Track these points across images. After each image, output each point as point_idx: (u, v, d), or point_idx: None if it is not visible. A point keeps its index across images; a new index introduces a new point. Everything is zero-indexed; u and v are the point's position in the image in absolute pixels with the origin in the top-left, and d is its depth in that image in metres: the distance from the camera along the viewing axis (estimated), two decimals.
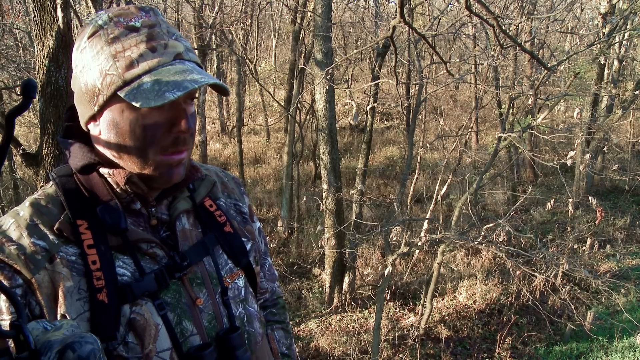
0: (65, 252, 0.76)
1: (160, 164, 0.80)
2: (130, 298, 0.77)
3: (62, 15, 2.85)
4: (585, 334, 5.87)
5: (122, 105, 0.77)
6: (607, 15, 7.47)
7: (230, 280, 0.91)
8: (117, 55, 0.75)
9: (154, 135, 0.78)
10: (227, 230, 0.95)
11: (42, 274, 0.73)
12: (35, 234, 0.76)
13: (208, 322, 0.85)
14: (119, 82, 0.75)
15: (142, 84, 0.74)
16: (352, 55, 10.42)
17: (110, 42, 0.76)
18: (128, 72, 0.75)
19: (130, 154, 0.79)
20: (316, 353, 6.02)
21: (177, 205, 0.88)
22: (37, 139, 4.19)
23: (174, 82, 0.73)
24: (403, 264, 8.05)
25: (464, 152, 8.57)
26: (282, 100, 11.05)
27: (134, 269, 0.79)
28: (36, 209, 0.79)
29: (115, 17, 0.77)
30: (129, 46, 0.75)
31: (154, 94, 0.73)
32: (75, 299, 0.74)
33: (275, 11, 14.51)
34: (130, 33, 0.76)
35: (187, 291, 0.84)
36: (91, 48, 0.77)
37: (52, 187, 0.83)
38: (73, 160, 0.83)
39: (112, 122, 0.78)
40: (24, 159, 3.31)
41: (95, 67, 0.76)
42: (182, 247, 0.85)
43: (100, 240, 0.78)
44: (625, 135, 12.40)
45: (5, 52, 7.04)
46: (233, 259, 0.93)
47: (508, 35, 3.69)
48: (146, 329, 0.77)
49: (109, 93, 0.76)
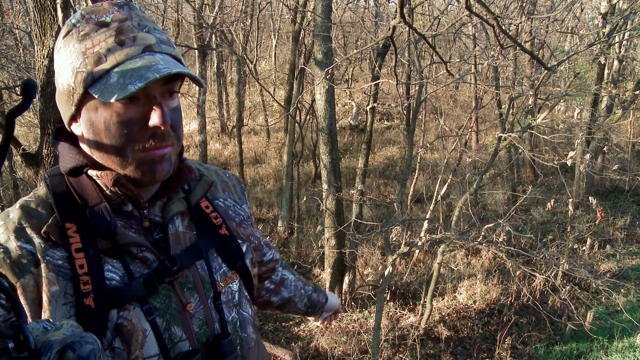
0: (52, 256, 0.75)
1: (141, 161, 0.77)
2: (118, 303, 0.75)
3: (62, 15, 2.85)
4: (585, 334, 5.87)
5: (95, 103, 0.75)
6: (607, 15, 7.47)
7: (224, 284, 0.89)
8: (86, 52, 0.74)
9: (130, 131, 0.75)
10: (223, 233, 0.93)
11: (27, 278, 0.73)
12: (22, 237, 0.75)
13: (199, 328, 0.83)
14: (89, 78, 0.73)
15: (109, 78, 0.72)
16: (352, 55, 10.42)
17: (81, 40, 0.74)
18: (96, 67, 0.73)
19: (109, 154, 0.77)
20: (316, 353, 6.02)
21: (171, 207, 0.87)
22: (37, 139, 4.19)
23: (137, 74, 0.71)
24: (403, 264, 8.05)
25: (464, 152, 8.57)
26: (282, 100, 11.04)
27: (123, 273, 0.78)
28: (25, 211, 0.77)
29: (87, 14, 0.76)
30: (98, 42, 0.74)
31: (118, 87, 0.70)
32: (61, 304, 0.73)
33: (275, 11, 14.50)
34: (100, 29, 0.74)
35: (178, 296, 0.82)
36: (65, 47, 0.76)
37: (43, 189, 0.82)
38: (62, 162, 0.82)
39: (88, 121, 0.77)
40: (24, 159, 3.30)
41: (69, 66, 0.75)
42: (174, 250, 0.84)
43: (88, 244, 0.77)
44: (625, 135, 12.40)
45: (5, 52, 7.04)
46: (228, 262, 0.92)
47: (508, 35, 3.69)
48: (133, 335, 0.76)
49: (81, 90, 0.74)
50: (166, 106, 0.78)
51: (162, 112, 0.75)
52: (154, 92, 0.76)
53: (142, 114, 0.76)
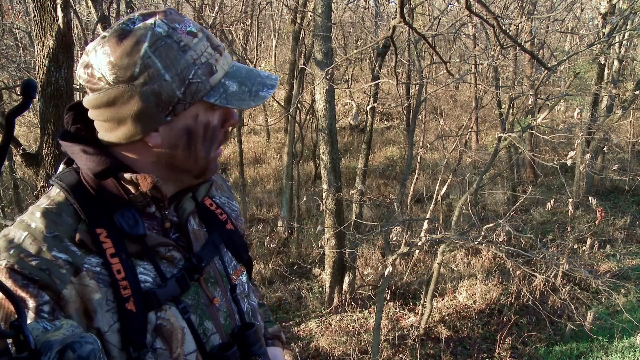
0: (90, 263, 0.74)
1: (214, 159, 0.84)
2: (156, 304, 0.77)
3: (62, 15, 2.85)
4: (585, 334, 5.87)
5: (196, 110, 0.78)
6: (607, 15, 7.46)
7: (236, 276, 0.93)
8: (195, 62, 0.75)
9: (214, 133, 0.81)
10: (229, 228, 0.96)
11: (69, 289, 0.71)
12: (55, 246, 0.72)
13: (224, 320, 0.87)
14: (205, 88, 0.76)
15: (227, 87, 0.77)
16: (352, 55, 10.42)
17: (184, 50, 0.74)
18: (212, 77, 0.76)
19: (197, 158, 0.81)
20: (316, 353, 6.02)
21: (184, 206, 0.88)
22: (37, 139, 4.18)
23: (259, 82, 0.79)
24: (403, 264, 8.05)
25: (464, 152, 8.57)
26: (282, 100, 11.05)
27: (155, 274, 0.79)
28: (50, 219, 0.74)
29: (171, 24, 0.75)
30: (202, 52, 0.76)
31: (247, 95, 0.78)
32: (104, 311, 0.73)
33: (275, 11, 14.49)
34: (194, 39, 0.76)
35: (204, 291, 0.85)
36: (159, 58, 0.73)
37: (61, 194, 0.78)
38: (88, 163, 0.78)
39: (183, 129, 0.78)
40: (24, 159, 3.31)
41: (174, 77, 0.73)
42: (195, 248, 0.86)
43: (120, 248, 0.76)
44: (625, 135, 12.39)
45: (5, 52, 7.05)
46: (236, 255, 0.95)
47: (508, 35, 3.69)
48: (173, 334, 0.78)
49: (193, 100, 0.76)
50: None
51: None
52: None
53: (222, 115, 0.82)
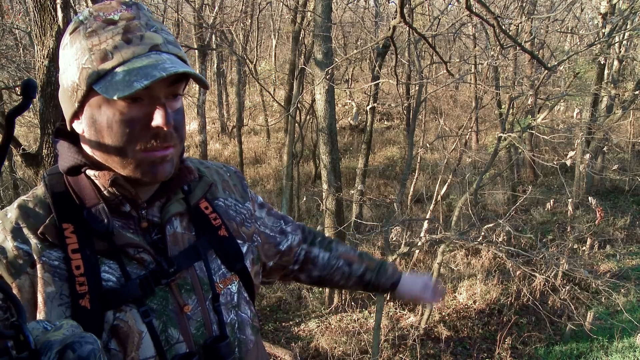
0: (48, 256, 0.75)
1: (141, 161, 0.77)
2: (114, 304, 0.75)
3: (62, 15, 2.85)
4: (585, 334, 5.87)
5: (99, 101, 0.75)
6: (607, 15, 7.46)
7: (223, 285, 0.89)
8: (93, 49, 0.74)
9: (132, 131, 0.75)
10: (222, 234, 0.92)
11: (23, 279, 0.73)
12: (18, 237, 0.75)
13: (196, 330, 0.83)
14: (94, 75, 0.73)
15: (114, 75, 0.72)
16: (352, 55, 10.42)
17: (88, 36, 0.74)
18: (102, 64, 0.73)
19: (110, 153, 0.77)
20: (316, 353, 6.02)
21: (169, 207, 0.86)
22: (37, 139, 4.18)
23: (143, 72, 0.71)
24: (403, 264, 8.05)
25: (464, 152, 8.57)
26: (282, 100, 11.04)
27: (120, 274, 0.78)
28: (23, 211, 0.78)
29: (95, 12, 0.76)
30: (105, 39, 0.74)
31: (124, 84, 0.71)
32: (56, 304, 0.73)
33: (275, 11, 14.50)
34: (108, 26, 0.74)
35: (175, 297, 0.82)
36: (71, 44, 0.76)
37: (42, 188, 0.81)
38: (61, 161, 0.82)
39: (90, 118, 0.77)
40: (24, 159, 3.30)
41: (74, 62, 0.75)
42: (172, 251, 0.84)
43: (85, 245, 0.76)
44: (625, 135, 12.39)
45: (5, 52, 7.04)
46: (227, 263, 0.91)
47: (508, 35, 3.69)
48: (129, 336, 0.76)
49: (85, 87, 0.74)
50: (170, 107, 0.78)
51: (166, 112, 0.75)
52: (159, 93, 0.76)
53: (145, 113, 0.75)
